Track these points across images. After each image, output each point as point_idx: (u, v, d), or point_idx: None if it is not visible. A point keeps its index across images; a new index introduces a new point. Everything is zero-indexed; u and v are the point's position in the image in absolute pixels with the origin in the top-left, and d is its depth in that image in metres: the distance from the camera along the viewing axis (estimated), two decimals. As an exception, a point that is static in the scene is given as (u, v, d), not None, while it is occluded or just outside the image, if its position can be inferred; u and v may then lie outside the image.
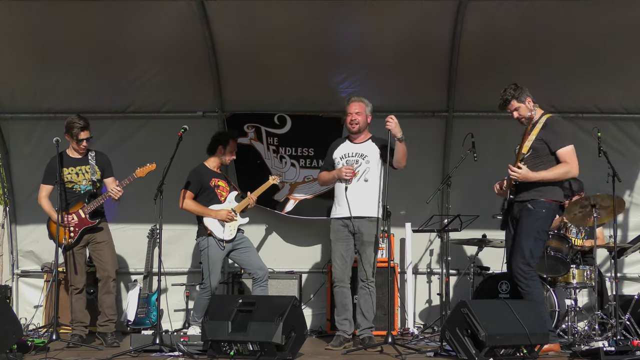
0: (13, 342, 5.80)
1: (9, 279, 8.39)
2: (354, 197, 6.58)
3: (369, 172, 6.66)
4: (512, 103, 6.27)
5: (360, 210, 6.59)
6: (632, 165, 8.14)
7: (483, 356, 5.58)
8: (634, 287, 8.11)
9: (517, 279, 6.16)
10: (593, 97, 8.07)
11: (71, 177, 6.88)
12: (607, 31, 7.37)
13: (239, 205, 7.16)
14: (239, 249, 7.15)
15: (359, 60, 7.96)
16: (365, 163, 6.68)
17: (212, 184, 7.16)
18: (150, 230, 7.98)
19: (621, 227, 8.12)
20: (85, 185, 6.92)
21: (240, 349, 5.80)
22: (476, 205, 7.77)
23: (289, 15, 7.42)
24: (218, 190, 7.18)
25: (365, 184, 6.64)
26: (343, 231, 6.68)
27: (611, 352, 5.70)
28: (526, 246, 6.12)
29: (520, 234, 6.17)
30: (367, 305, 6.61)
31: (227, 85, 8.22)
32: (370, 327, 6.62)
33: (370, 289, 6.61)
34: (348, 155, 6.76)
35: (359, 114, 6.74)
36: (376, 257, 6.67)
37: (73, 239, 6.80)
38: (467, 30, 7.52)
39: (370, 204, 6.59)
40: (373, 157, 6.68)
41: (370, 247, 6.60)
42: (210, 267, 6.98)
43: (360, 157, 6.71)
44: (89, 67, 7.95)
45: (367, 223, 6.61)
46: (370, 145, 6.75)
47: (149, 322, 7.67)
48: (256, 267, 7.11)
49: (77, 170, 6.90)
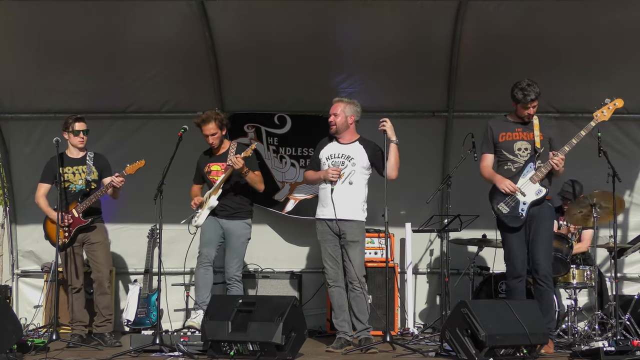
0: (13, 342, 5.81)
1: (9, 279, 8.39)
2: (339, 199, 6.53)
3: (354, 174, 6.59)
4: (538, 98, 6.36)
5: (344, 213, 6.54)
6: (632, 165, 8.14)
7: (483, 356, 5.58)
8: (634, 287, 8.11)
9: (545, 277, 6.25)
10: (593, 97, 8.04)
11: (67, 177, 6.89)
12: (607, 31, 7.37)
13: (215, 186, 6.95)
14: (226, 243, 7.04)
15: (359, 60, 7.97)
16: (351, 165, 6.61)
17: (205, 170, 7.11)
18: (150, 230, 7.98)
19: (621, 227, 8.12)
20: (80, 185, 6.93)
21: (240, 349, 5.80)
22: (476, 205, 7.75)
23: (289, 15, 7.42)
24: (210, 176, 7.08)
25: (349, 187, 6.58)
26: (329, 233, 6.64)
27: (611, 352, 5.70)
28: (551, 245, 6.35)
29: (546, 233, 6.31)
30: (359, 306, 6.55)
31: (227, 85, 8.22)
32: (366, 328, 6.57)
33: (358, 290, 6.55)
34: (334, 156, 6.69)
35: (336, 115, 6.66)
36: (362, 258, 6.65)
37: (67, 238, 6.81)
38: (467, 30, 7.52)
39: (354, 207, 6.56)
40: (359, 160, 6.62)
41: (355, 248, 6.56)
42: (201, 237, 6.98)
43: (347, 158, 6.64)
44: (89, 67, 7.95)
45: (350, 225, 6.56)
46: (357, 147, 6.68)
47: (149, 322, 7.67)
48: (226, 264, 7.00)
49: (73, 170, 6.92)
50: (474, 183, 7.96)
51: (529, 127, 6.39)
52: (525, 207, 6.25)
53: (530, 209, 6.26)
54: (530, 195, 6.26)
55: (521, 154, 6.35)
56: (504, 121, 6.51)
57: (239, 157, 6.76)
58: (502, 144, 6.40)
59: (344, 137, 6.72)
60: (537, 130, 6.31)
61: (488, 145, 6.48)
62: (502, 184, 6.30)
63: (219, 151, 7.10)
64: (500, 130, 6.43)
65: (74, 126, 6.90)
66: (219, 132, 6.97)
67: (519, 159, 6.34)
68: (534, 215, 6.28)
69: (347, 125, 6.68)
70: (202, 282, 6.90)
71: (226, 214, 6.97)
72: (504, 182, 6.30)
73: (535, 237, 6.27)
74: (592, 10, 7.19)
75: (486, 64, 7.84)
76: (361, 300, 6.55)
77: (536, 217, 6.28)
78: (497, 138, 6.42)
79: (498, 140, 6.42)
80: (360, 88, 8.13)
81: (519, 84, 6.33)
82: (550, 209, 6.38)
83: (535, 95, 6.29)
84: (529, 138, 6.35)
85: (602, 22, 7.29)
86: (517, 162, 6.35)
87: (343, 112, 6.67)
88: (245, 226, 7.04)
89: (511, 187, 6.27)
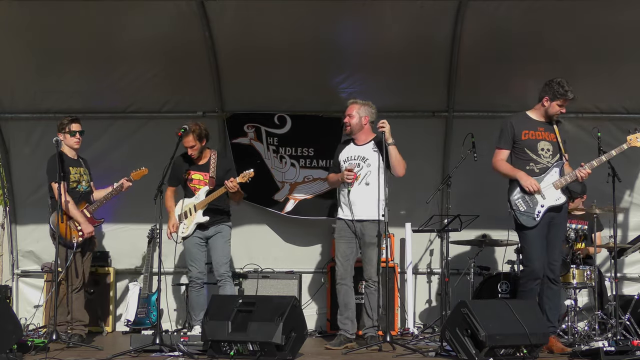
0: (13, 342, 5.80)
1: (9, 279, 8.39)
2: (356, 201, 6.63)
3: (371, 175, 6.65)
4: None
5: (362, 214, 6.62)
6: (632, 165, 8.13)
7: (483, 356, 5.58)
8: (634, 287, 8.11)
9: (558, 278, 6.41)
10: (593, 97, 8.06)
11: (76, 177, 6.93)
12: (607, 31, 7.37)
13: (202, 201, 6.98)
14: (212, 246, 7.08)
15: (359, 60, 7.97)
16: (367, 166, 6.67)
17: (185, 176, 7.10)
18: (150, 230, 7.97)
19: (621, 227, 8.12)
20: (85, 186, 7.01)
21: (240, 349, 5.80)
22: (476, 205, 7.77)
23: (289, 15, 7.42)
24: (191, 184, 7.09)
25: (366, 188, 6.64)
26: (347, 231, 6.71)
27: (611, 352, 5.69)
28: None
29: (561, 236, 6.45)
30: (372, 304, 6.61)
31: (227, 85, 8.22)
32: (374, 327, 6.61)
33: (373, 287, 6.61)
34: (351, 159, 6.78)
35: (350, 116, 6.77)
36: (379, 258, 6.66)
37: (83, 237, 6.84)
38: (467, 30, 7.52)
39: (372, 207, 6.58)
40: (374, 160, 6.67)
41: (372, 248, 6.61)
42: (186, 259, 7.09)
43: (362, 160, 6.72)
44: (89, 67, 7.94)
45: (369, 225, 6.62)
46: (372, 147, 6.74)
47: (149, 322, 7.66)
48: (216, 264, 7.04)
49: (76, 171, 6.97)
50: (474, 183, 8.00)
51: (550, 128, 6.38)
52: (542, 210, 6.24)
53: (547, 213, 6.26)
54: (549, 199, 6.26)
55: (544, 154, 6.34)
56: (526, 118, 6.45)
57: (234, 182, 6.84)
58: (525, 142, 6.35)
59: (360, 139, 6.80)
60: (558, 135, 6.34)
61: (507, 141, 6.40)
62: (527, 182, 6.25)
63: (200, 160, 7.10)
64: (523, 128, 6.37)
65: (70, 127, 6.93)
66: (197, 144, 6.98)
67: (542, 160, 6.33)
68: (552, 219, 6.30)
69: (361, 126, 6.76)
70: (195, 304, 7.03)
71: (209, 222, 7.01)
72: (529, 180, 6.26)
73: (553, 241, 6.31)
74: (592, 10, 7.18)
75: (486, 64, 7.83)
76: (374, 298, 6.59)
77: (554, 221, 6.31)
78: (520, 135, 6.35)
79: (520, 138, 6.35)
80: (360, 88, 8.13)
81: (557, 79, 6.31)
82: (566, 212, 6.46)
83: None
84: (550, 139, 6.35)
85: (602, 22, 7.29)
86: (540, 162, 6.33)
87: (357, 113, 6.76)
88: (227, 227, 7.12)
89: (535, 187, 6.24)
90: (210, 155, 7.13)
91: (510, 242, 7.51)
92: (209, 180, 7.01)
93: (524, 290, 6.31)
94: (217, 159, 7.10)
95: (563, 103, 6.32)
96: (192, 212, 7.00)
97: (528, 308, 5.96)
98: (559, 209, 6.31)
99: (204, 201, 6.96)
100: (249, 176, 6.91)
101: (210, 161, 7.08)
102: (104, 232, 8.30)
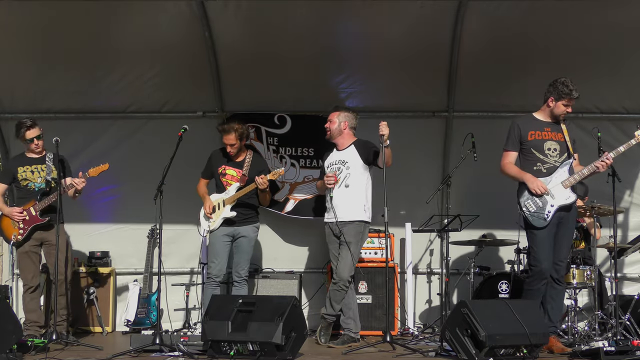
0: (13, 342, 5.81)
1: (8, 279, 8.37)
2: (337, 203, 6.86)
3: (350, 177, 6.89)
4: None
5: (343, 215, 6.82)
6: (632, 165, 8.13)
7: (483, 356, 5.59)
8: (634, 287, 8.11)
9: (563, 278, 6.41)
10: (593, 97, 8.06)
11: (25, 175, 6.96)
12: (607, 31, 7.37)
13: (232, 196, 7.12)
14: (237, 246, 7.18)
15: (359, 60, 7.96)
16: (346, 169, 6.93)
17: (219, 170, 7.25)
18: (150, 230, 7.97)
19: (621, 227, 8.12)
20: (39, 184, 6.98)
21: (240, 349, 5.81)
22: (476, 205, 7.77)
23: (289, 15, 7.42)
24: (224, 179, 7.23)
25: (346, 190, 6.88)
26: (331, 234, 6.96)
27: (611, 352, 5.70)
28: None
29: (570, 236, 6.47)
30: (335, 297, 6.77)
31: (227, 85, 8.22)
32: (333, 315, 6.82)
33: (337, 286, 6.76)
34: (332, 164, 7.05)
35: (331, 122, 7.08)
36: (354, 258, 6.80)
37: (22, 235, 6.84)
38: (467, 30, 7.52)
39: (352, 208, 6.84)
40: (353, 163, 6.91)
41: (346, 248, 6.74)
42: (209, 254, 7.16)
43: (342, 164, 6.97)
44: (89, 67, 7.94)
45: (348, 226, 6.81)
46: (351, 151, 6.98)
47: (149, 322, 7.67)
48: (237, 265, 7.14)
49: (32, 169, 6.99)
50: (474, 183, 8.01)
51: (557, 128, 6.40)
52: (552, 210, 6.24)
53: (557, 212, 6.26)
54: (559, 199, 6.26)
55: (551, 154, 6.34)
56: (532, 119, 6.47)
57: (265, 179, 7.00)
58: (532, 142, 6.36)
59: (341, 144, 7.09)
60: (567, 135, 6.35)
61: (514, 143, 6.42)
62: (534, 185, 6.26)
63: (237, 158, 7.28)
64: (529, 129, 6.39)
65: (25, 135, 6.93)
66: (238, 142, 7.20)
67: (549, 159, 6.34)
68: (561, 219, 6.30)
69: (340, 131, 7.04)
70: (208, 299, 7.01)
71: (238, 220, 7.13)
72: (535, 182, 6.27)
73: (561, 241, 6.32)
74: (592, 10, 7.18)
75: (486, 64, 7.83)
76: (339, 294, 6.75)
77: (563, 220, 6.31)
78: (526, 136, 6.37)
79: (527, 139, 6.37)
80: (360, 88, 8.14)
81: (561, 79, 6.32)
82: (575, 212, 6.47)
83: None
84: (557, 138, 6.36)
85: (602, 22, 7.29)
86: (547, 162, 6.34)
87: (337, 119, 7.07)
88: (254, 229, 7.27)
89: (542, 189, 6.24)
90: (247, 154, 7.32)
91: (510, 242, 7.51)
92: (240, 177, 7.17)
93: (530, 290, 6.31)
94: (252, 158, 7.31)
95: (568, 102, 6.32)
96: (221, 207, 7.14)
97: (528, 308, 5.97)
98: (568, 208, 6.31)
99: (233, 196, 7.11)
100: (279, 174, 7.13)
101: (246, 159, 7.28)
102: (104, 232, 8.30)
